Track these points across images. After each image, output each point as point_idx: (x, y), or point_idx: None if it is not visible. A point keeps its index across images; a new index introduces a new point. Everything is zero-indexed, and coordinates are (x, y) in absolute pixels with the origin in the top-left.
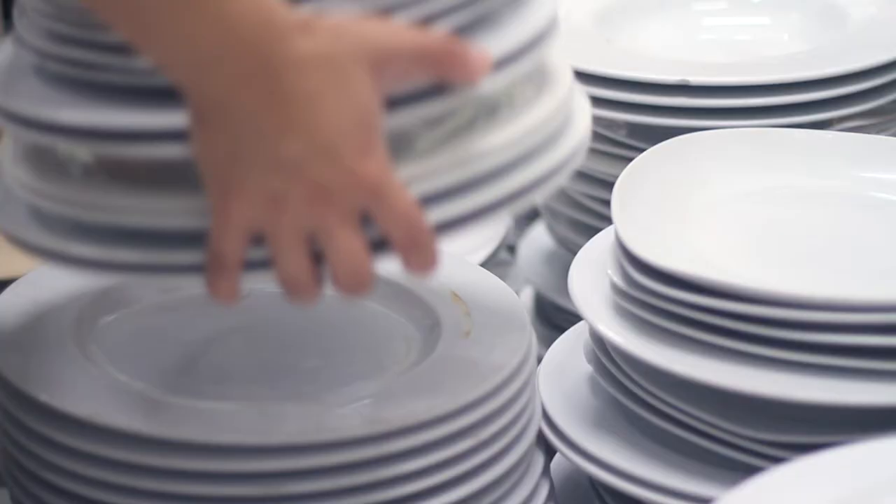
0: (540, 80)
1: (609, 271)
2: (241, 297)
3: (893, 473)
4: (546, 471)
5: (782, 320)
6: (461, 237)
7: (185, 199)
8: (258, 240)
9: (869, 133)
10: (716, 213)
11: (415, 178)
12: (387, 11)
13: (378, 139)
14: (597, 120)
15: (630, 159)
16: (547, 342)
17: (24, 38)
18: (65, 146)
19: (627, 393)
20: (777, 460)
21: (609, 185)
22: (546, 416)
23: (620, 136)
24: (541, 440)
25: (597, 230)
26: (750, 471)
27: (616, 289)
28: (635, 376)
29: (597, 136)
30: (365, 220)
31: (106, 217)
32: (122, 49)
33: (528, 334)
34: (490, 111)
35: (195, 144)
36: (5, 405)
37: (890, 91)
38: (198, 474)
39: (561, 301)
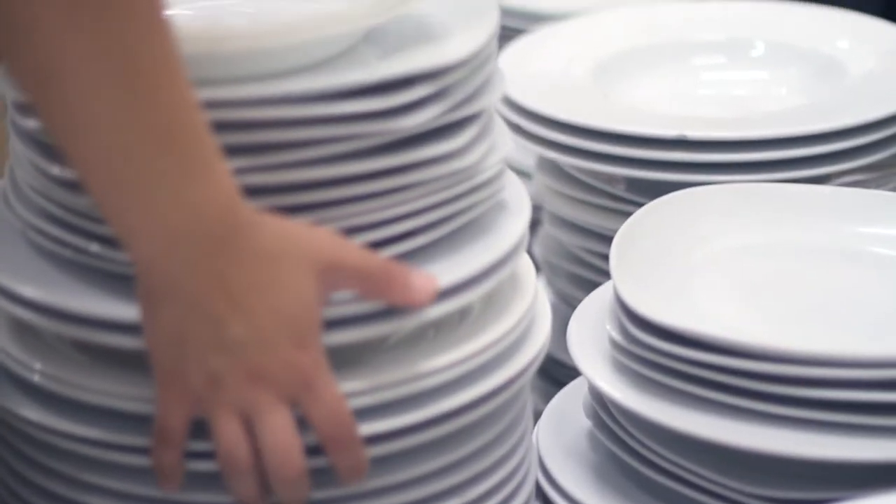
0: (507, 286)
1: (608, 326)
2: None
3: None
4: None
5: (781, 376)
6: None
7: (142, 385)
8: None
9: (867, 188)
10: (714, 268)
11: (356, 392)
12: (347, 232)
13: (315, 336)
14: (595, 174)
15: (628, 214)
16: (546, 397)
17: (14, 208)
18: (28, 318)
19: (626, 448)
20: None
21: (608, 239)
22: (545, 471)
23: (619, 191)
24: (540, 495)
25: (596, 285)
26: None
27: (615, 344)
28: (634, 432)
29: (595, 191)
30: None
31: (68, 391)
32: (103, 238)
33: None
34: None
35: (144, 326)
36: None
37: (888, 146)
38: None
39: (560, 355)
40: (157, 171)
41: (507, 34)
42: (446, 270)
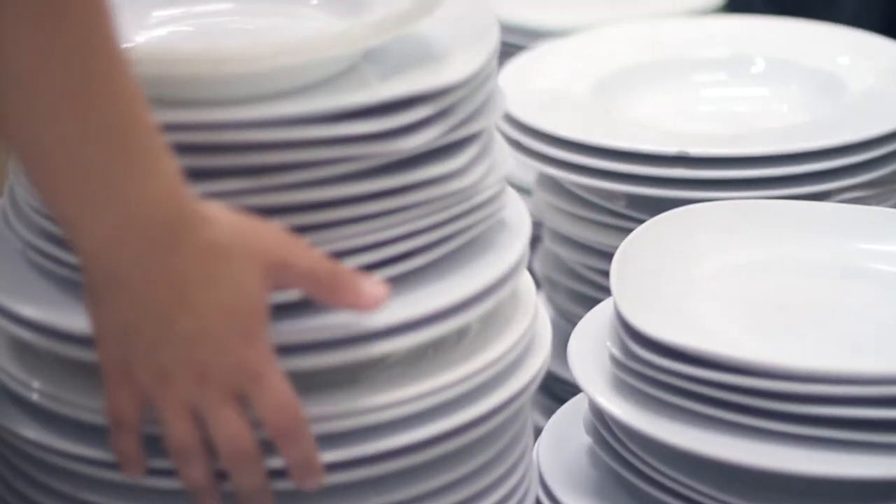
0: (507, 304)
1: (608, 343)
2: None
3: None
4: None
5: (782, 393)
6: None
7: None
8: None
9: (869, 204)
10: (715, 284)
11: (354, 412)
12: (347, 253)
13: (263, 332)
14: (596, 191)
15: (629, 230)
16: (547, 413)
17: (14, 227)
18: (27, 337)
19: (627, 465)
20: None
21: (608, 256)
22: (546, 488)
23: (619, 207)
24: None
25: (596, 301)
26: None
27: (615, 361)
28: (634, 449)
29: (596, 207)
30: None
31: (66, 410)
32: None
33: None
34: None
35: (90, 318)
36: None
37: (889, 162)
38: None
39: (560, 372)
40: (102, 163)
41: (507, 50)
42: (446, 290)
